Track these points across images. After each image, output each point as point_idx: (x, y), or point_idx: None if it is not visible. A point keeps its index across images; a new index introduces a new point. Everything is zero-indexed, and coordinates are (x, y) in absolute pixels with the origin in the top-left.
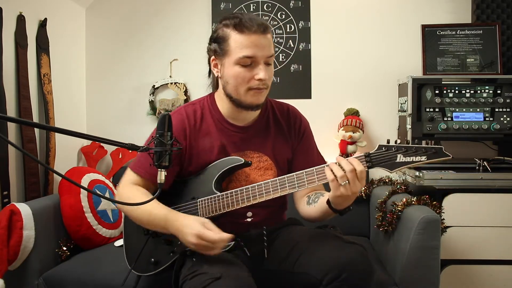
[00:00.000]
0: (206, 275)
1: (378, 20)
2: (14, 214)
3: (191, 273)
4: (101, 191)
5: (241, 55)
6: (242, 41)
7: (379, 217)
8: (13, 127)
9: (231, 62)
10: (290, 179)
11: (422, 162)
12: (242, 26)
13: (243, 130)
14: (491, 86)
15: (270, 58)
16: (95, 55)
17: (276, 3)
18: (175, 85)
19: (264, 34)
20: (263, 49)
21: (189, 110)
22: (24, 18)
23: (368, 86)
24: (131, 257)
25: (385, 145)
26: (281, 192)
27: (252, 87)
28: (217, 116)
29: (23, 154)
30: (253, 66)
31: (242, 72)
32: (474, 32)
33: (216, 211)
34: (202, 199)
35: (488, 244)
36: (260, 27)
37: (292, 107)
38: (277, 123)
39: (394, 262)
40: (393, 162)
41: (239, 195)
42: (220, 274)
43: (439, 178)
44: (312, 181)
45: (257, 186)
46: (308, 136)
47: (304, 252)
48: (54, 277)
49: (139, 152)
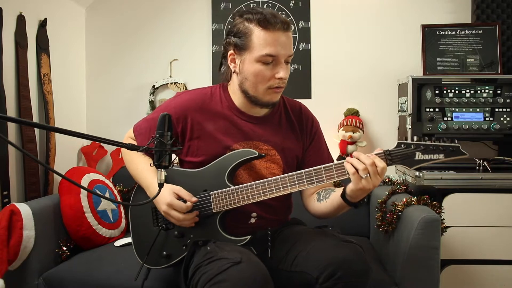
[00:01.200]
0: (226, 260)
1: (378, 20)
2: (14, 214)
3: (207, 259)
4: (101, 191)
5: (263, 52)
6: (266, 37)
7: (379, 217)
8: (13, 127)
9: (252, 58)
10: (308, 173)
11: (440, 160)
12: (266, 22)
13: (254, 120)
14: (491, 86)
15: (290, 57)
16: (95, 55)
17: (276, 3)
18: (175, 85)
19: (287, 32)
20: (285, 48)
21: (197, 91)
22: (24, 18)
23: (368, 86)
24: (141, 250)
25: (404, 142)
26: (299, 186)
27: (272, 86)
28: (228, 103)
29: (23, 154)
30: (274, 64)
31: (264, 70)
32: (474, 32)
33: (231, 204)
34: (215, 192)
35: (488, 244)
36: (284, 25)
37: (304, 106)
38: (289, 120)
39: (394, 262)
40: (412, 160)
41: (255, 189)
42: (240, 259)
43: (439, 178)
44: (331, 176)
45: (274, 180)
46: (319, 137)
47: (302, 251)
48: (54, 277)
49: (139, 151)
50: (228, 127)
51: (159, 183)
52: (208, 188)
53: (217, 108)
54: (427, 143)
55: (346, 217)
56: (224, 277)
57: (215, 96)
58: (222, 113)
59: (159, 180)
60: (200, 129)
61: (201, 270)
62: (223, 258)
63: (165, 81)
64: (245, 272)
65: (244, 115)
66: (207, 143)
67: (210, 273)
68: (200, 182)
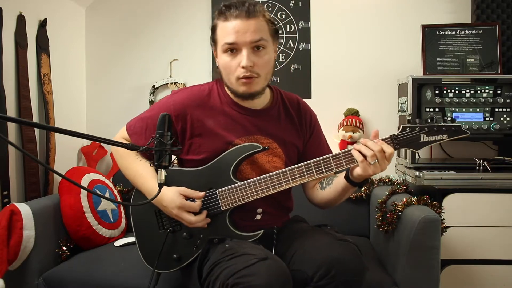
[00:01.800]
0: (252, 255)
1: (378, 20)
2: (14, 214)
3: (228, 255)
4: (101, 191)
5: (223, 42)
6: (224, 27)
7: (379, 217)
8: (13, 127)
9: (220, 51)
10: (316, 163)
11: (444, 140)
12: (224, 13)
13: (254, 114)
14: (491, 86)
15: (258, 43)
16: (95, 55)
17: (276, 3)
18: (175, 85)
19: (247, 19)
20: (244, 35)
21: (195, 88)
22: (24, 18)
23: (368, 86)
24: (149, 256)
25: (408, 126)
26: (308, 177)
27: (239, 76)
28: (226, 98)
29: (23, 154)
30: (238, 53)
31: (229, 61)
32: (474, 32)
33: (239, 201)
34: (222, 190)
35: (488, 244)
36: (242, 12)
37: (301, 99)
38: (287, 114)
39: (394, 262)
40: (418, 142)
41: (263, 183)
42: (266, 256)
43: (439, 178)
44: (340, 164)
45: (282, 173)
46: (318, 130)
47: (298, 249)
48: (54, 277)
49: (139, 151)
50: (228, 123)
51: (159, 183)
52: (213, 186)
53: (216, 104)
54: (430, 125)
55: (346, 217)
56: (252, 271)
57: (213, 92)
58: (221, 108)
59: (159, 180)
60: (200, 126)
61: (222, 266)
62: (247, 254)
63: (165, 81)
64: (272, 268)
65: (243, 108)
66: (209, 140)
67: (234, 267)
68: (205, 180)
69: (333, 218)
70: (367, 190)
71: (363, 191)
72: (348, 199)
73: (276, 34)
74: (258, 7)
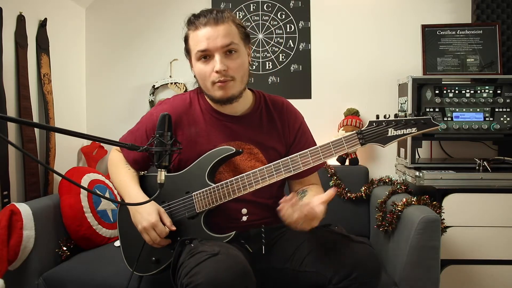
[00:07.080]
0: (204, 252)
1: (378, 20)
2: (14, 214)
3: (190, 255)
4: (101, 191)
5: (195, 50)
6: (195, 36)
7: (379, 217)
8: (13, 127)
9: (194, 60)
10: (284, 162)
11: (413, 133)
12: (193, 22)
13: (234, 121)
14: (491, 86)
15: (229, 47)
16: (95, 55)
17: (276, 3)
18: (175, 85)
19: (216, 25)
20: (215, 40)
21: (177, 98)
22: (24, 18)
23: (368, 86)
24: (130, 258)
25: (375, 121)
26: (277, 177)
27: (214, 81)
28: (206, 106)
29: (23, 154)
30: (211, 59)
31: (203, 68)
32: (474, 32)
33: (213, 202)
34: (197, 193)
35: (488, 244)
36: (210, 20)
37: (287, 102)
38: (270, 119)
39: (394, 262)
40: (385, 137)
41: (235, 184)
42: (218, 251)
43: (439, 178)
44: (307, 163)
45: (252, 173)
46: (304, 131)
47: (312, 251)
48: (54, 277)
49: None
50: (209, 130)
51: (159, 183)
52: (190, 190)
53: (196, 112)
54: (398, 118)
55: (346, 217)
56: (200, 269)
57: (193, 100)
58: (201, 116)
59: (159, 180)
60: (182, 134)
61: (183, 265)
62: (202, 251)
63: (165, 81)
64: (221, 263)
65: (223, 115)
66: (190, 148)
67: (188, 267)
68: (182, 184)
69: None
70: (367, 190)
71: (363, 191)
72: (348, 199)
73: (247, 37)
74: (226, 13)
